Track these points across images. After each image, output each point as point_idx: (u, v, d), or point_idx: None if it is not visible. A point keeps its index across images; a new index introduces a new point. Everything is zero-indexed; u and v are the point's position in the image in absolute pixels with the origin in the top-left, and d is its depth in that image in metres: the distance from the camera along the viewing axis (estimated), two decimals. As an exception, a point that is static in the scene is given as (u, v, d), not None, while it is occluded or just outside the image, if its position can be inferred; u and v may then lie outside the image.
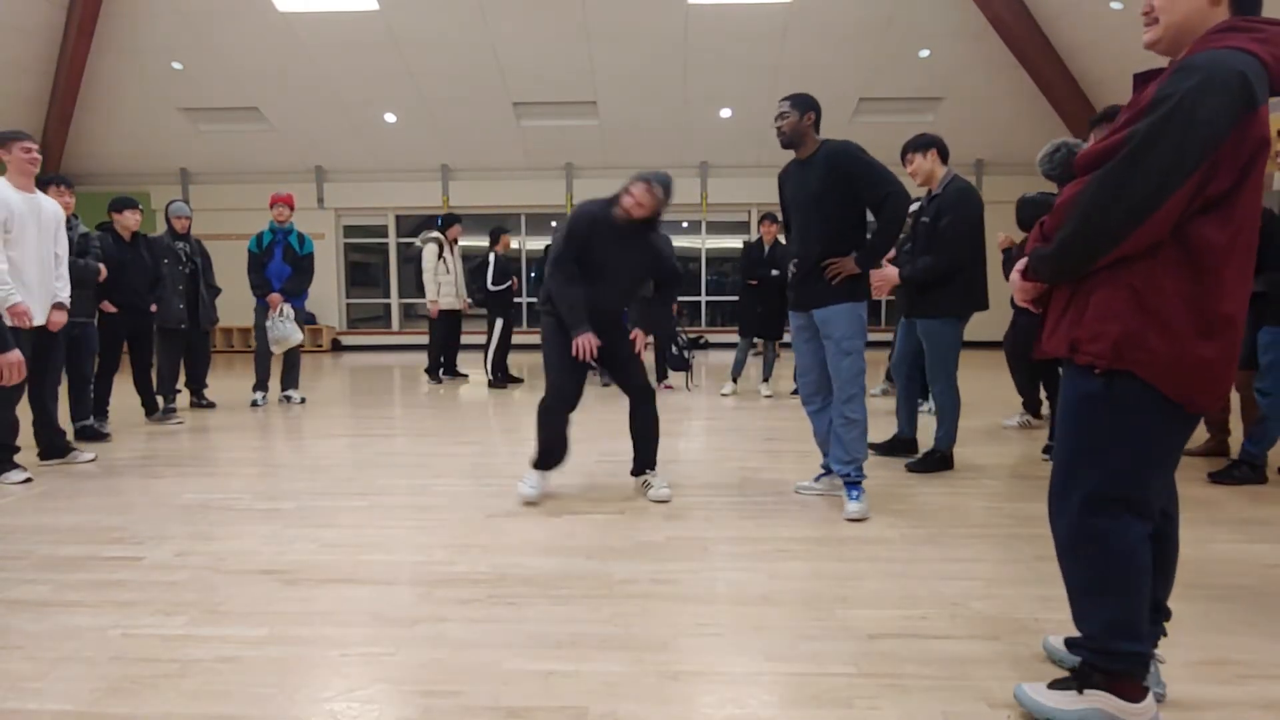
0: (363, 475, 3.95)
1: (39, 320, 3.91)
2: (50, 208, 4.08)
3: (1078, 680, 1.67)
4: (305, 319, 6.61)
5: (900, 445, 4.32)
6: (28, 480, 3.85)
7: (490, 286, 7.40)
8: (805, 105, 3.21)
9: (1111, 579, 1.63)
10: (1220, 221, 1.47)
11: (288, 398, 6.39)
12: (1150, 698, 1.64)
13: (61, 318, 4.09)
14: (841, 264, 3.15)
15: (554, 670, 1.95)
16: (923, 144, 3.95)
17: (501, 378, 7.54)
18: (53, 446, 4.26)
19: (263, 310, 6.14)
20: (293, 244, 6.23)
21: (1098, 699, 1.63)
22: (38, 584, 2.53)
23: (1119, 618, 1.63)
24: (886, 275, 3.85)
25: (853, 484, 3.24)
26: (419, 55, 9.75)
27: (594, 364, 3.39)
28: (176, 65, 10.04)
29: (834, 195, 3.16)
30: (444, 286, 7.59)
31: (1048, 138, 3.35)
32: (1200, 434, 4.35)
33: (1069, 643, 1.78)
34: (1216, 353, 1.51)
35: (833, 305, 3.19)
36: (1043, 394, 5.33)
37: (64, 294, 4.12)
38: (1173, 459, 1.66)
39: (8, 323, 3.46)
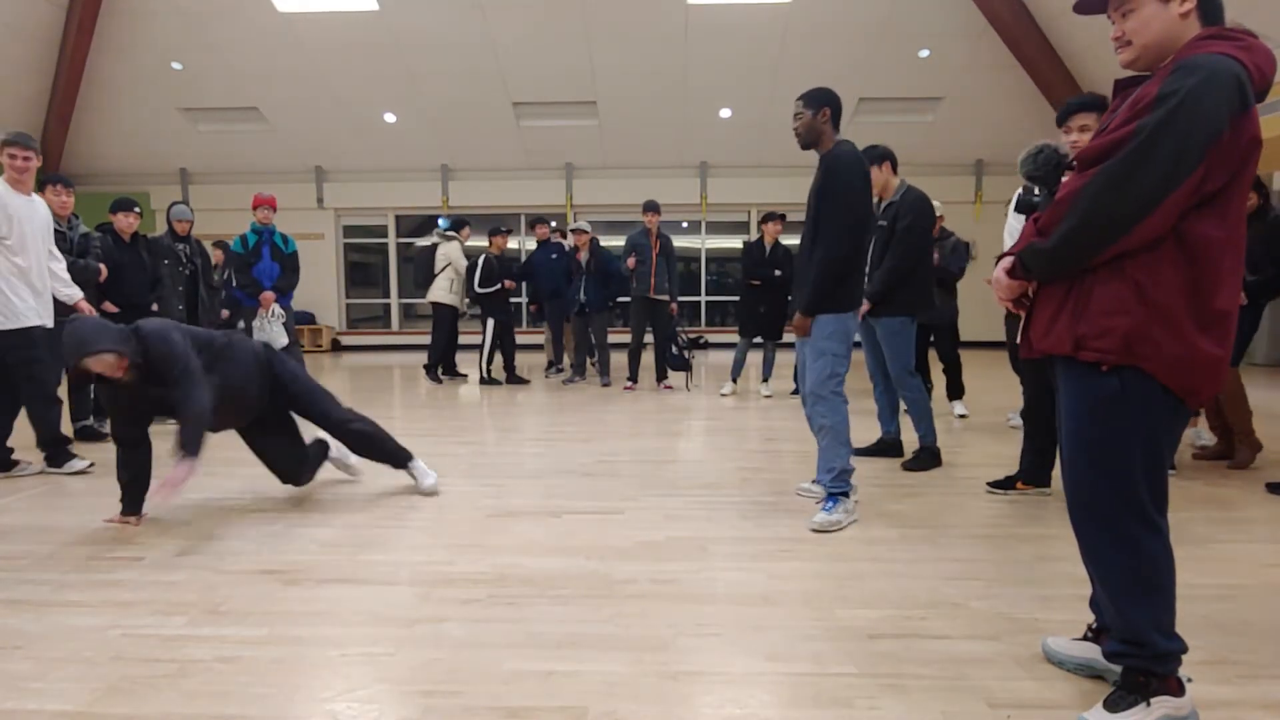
0: (362, 475, 3.95)
1: (50, 322, 4.03)
2: (43, 210, 4.12)
3: (1137, 691, 1.63)
4: (301, 318, 6.62)
5: (887, 447, 4.30)
6: (91, 466, 4.10)
7: (476, 289, 7.43)
8: (819, 102, 3.09)
9: (1153, 581, 1.62)
10: (1217, 218, 1.51)
11: None
12: (1188, 686, 1.66)
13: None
14: (796, 326, 3.15)
15: (554, 670, 1.94)
16: (876, 157, 4.04)
17: (507, 379, 7.59)
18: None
19: (252, 311, 6.16)
20: (278, 243, 6.25)
21: (1164, 705, 1.62)
22: (38, 584, 2.53)
23: (1163, 618, 1.63)
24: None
25: (830, 495, 3.13)
26: (419, 55, 9.76)
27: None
28: (176, 65, 10.05)
29: (824, 201, 3.06)
30: (455, 284, 7.66)
31: (1047, 138, 3.34)
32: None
33: (1108, 654, 1.73)
34: (1216, 346, 1.54)
35: (819, 314, 3.12)
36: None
37: (69, 292, 4.27)
38: (1176, 448, 1.68)
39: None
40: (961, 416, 5.65)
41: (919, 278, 4.03)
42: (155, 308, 5.51)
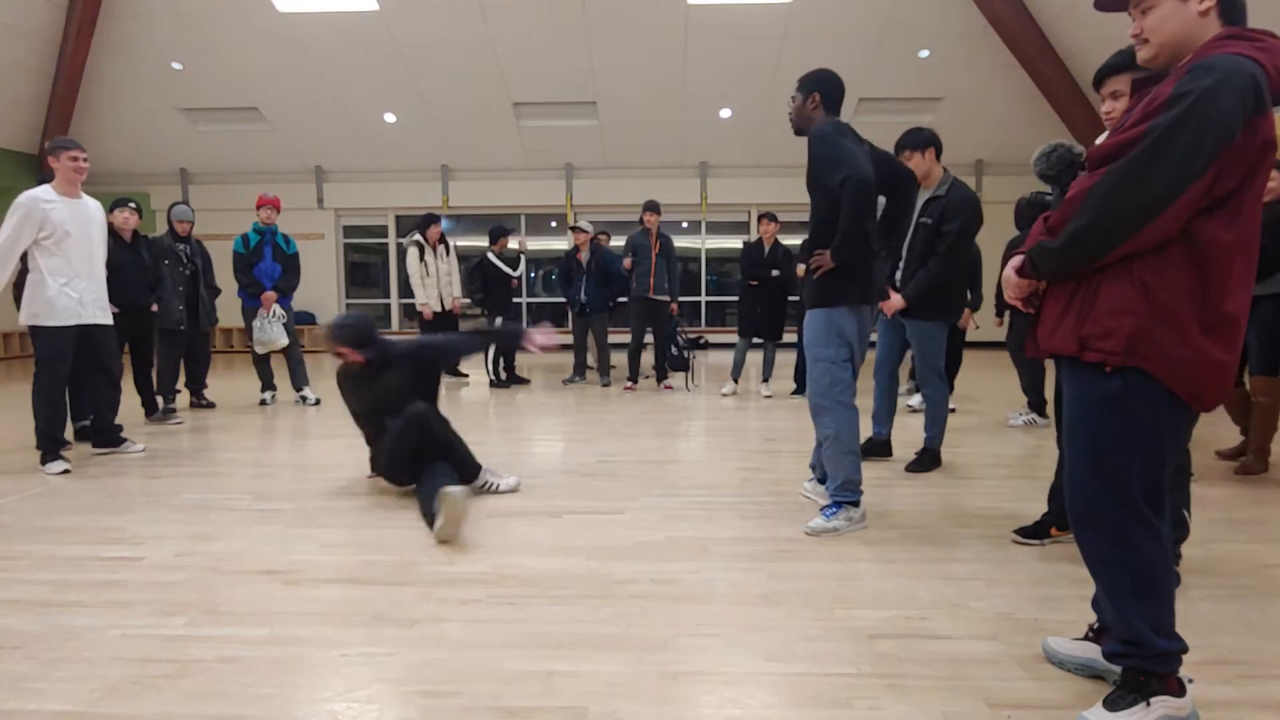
0: (363, 475, 3.95)
1: (98, 318, 4.22)
2: (96, 212, 4.28)
3: (1137, 691, 1.63)
4: (301, 318, 6.63)
5: (875, 448, 4.18)
6: (66, 472, 4.06)
7: (511, 273, 7.37)
8: (810, 86, 3.00)
9: (1150, 582, 1.63)
10: (1227, 221, 1.50)
11: (304, 398, 6.37)
12: (1189, 687, 1.66)
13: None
14: (820, 258, 2.94)
15: (554, 670, 1.94)
16: (921, 142, 3.84)
17: (507, 379, 7.56)
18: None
19: (253, 311, 6.15)
20: (280, 243, 6.25)
21: (1164, 705, 1.62)
22: (38, 584, 2.53)
23: (1161, 619, 1.63)
24: (893, 304, 3.87)
25: (835, 501, 3.03)
26: (419, 55, 9.75)
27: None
28: (176, 65, 10.05)
29: (811, 180, 2.99)
30: (429, 286, 7.51)
31: (1047, 138, 3.33)
32: (1232, 436, 4.33)
33: (1108, 654, 1.74)
34: (1222, 351, 1.53)
35: (811, 309, 3.04)
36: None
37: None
38: (1176, 453, 1.68)
39: None
40: (950, 410, 5.68)
41: (958, 283, 3.92)
42: (155, 308, 5.52)
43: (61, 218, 4.02)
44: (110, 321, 4.34)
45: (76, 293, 4.09)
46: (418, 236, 7.61)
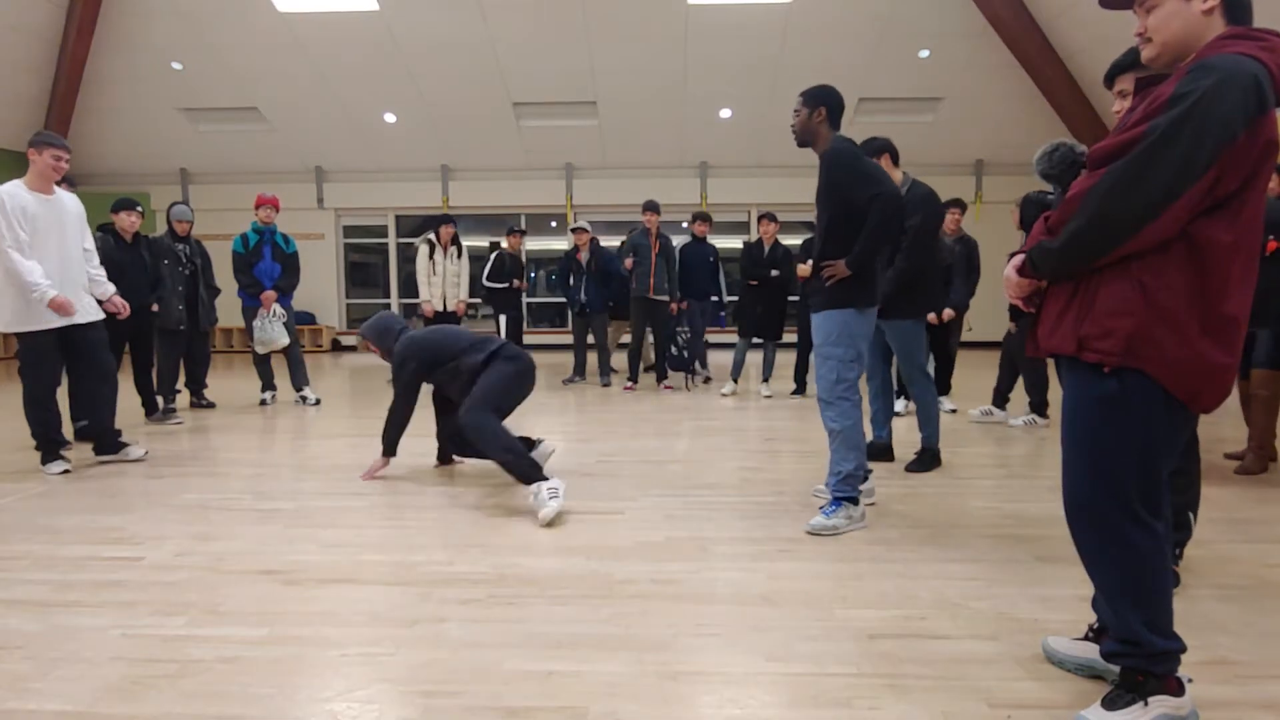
0: (361, 475, 3.94)
1: (79, 318, 4.06)
2: (72, 206, 4.15)
3: (1135, 690, 1.63)
4: (301, 318, 6.63)
5: (877, 452, 4.14)
6: (66, 471, 4.05)
7: (485, 282, 7.42)
8: (816, 101, 3.07)
9: (1147, 582, 1.62)
10: (1227, 222, 1.49)
11: (304, 398, 6.37)
12: (1188, 686, 1.65)
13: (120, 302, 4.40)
14: (834, 267, 3.04)
15: (554, 670, 1.94)
16: (874, 149, 3.88)
17: None
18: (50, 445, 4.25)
19: (253, 310, 6.15)
20: (279, 243, 6.25)
21: (1162, 704, 1.62)
22: (38, 584, 2.53)
23: (1158, 618, 1.63)
24: None
25: (835, 499, 3.06)
26: (419, 55, 9.76)
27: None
28: (176, 65, 10.05)
29: (830, 196, 3.07)
30: (435, 286, 7.49)
31: (1047, 138, 3.34)
32: (1238, 437, 4.32)
33: (1106, 654, 1.74)
34: (1221, 352, 1.52)
35: (820, 310, 3.10)
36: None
37: (103, 288, 4.32)
38: (1177, 453, 1.67)
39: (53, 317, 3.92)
40: (951, 411, 5.71)
41: (929, 278, 3.96)
42: (155, 308, 5.53)
43: (34, 215, 3.89)
44: (96, 318, 4.18)
45: (64, 294, 3.93)
46: (430, 235, 7.61)
